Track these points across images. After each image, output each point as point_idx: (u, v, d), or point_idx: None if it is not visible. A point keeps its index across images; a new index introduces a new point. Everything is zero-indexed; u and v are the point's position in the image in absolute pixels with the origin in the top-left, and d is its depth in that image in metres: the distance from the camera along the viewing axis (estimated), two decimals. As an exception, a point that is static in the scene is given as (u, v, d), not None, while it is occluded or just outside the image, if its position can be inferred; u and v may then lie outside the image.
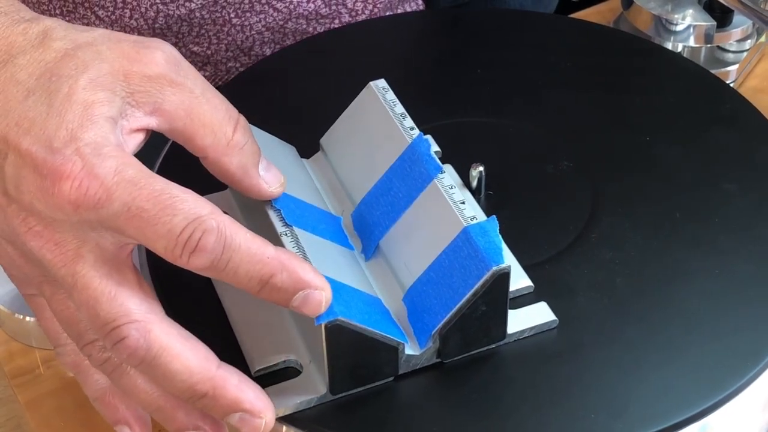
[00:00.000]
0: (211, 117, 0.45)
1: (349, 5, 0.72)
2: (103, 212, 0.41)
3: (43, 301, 0.47)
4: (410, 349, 0.47)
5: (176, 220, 0.41)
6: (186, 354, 0.43)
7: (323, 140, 0.56)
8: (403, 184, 0.50)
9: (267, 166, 0.47)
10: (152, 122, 0.44)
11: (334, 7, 0.71)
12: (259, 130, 0.51)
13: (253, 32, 0.71)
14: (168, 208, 0.41)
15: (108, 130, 0.42)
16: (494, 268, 0.46)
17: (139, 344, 0.42)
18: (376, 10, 0.73)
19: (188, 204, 0.41)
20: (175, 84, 0.44)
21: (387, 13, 0.74)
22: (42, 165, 0.41)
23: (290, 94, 0.64)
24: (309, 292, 0.43)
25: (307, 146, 0.56)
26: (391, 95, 0.53)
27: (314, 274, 0.43)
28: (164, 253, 0.42)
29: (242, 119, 0.46)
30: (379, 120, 0.53)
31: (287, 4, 0.70)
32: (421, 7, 0.76)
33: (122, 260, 0.43)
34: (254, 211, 0.50)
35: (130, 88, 0.43)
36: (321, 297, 0.43)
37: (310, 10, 0.71)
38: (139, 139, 0.44)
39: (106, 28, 0.68)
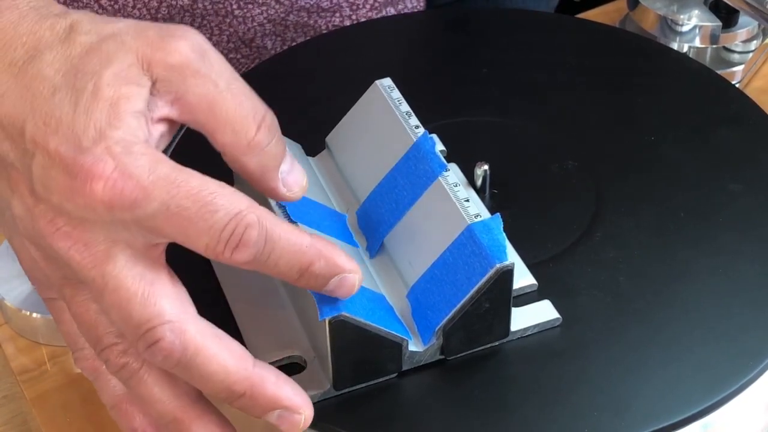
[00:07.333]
0: (234, 114, 0.43)
1: None
2: (140, 212, 0.40)
3: (63, 305, 0.46)
4: (414, 346, 0.48)
5: (218, 216, 0.40)
6: (222, 354, 0.42)
7: (329, 138, 0.56)
8: (407, 182, 0.51)
9: (290, 168, 0.46)
10: (174, 113, 0.43)
11: (335, 1, 0.71)
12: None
13: (254, 24, 0.71)
14: (209, 205, 0.40)
15: (136, 126, 0.41)
16: (498, 266, 0.46)
17: (175, 346, 0.41)
18: (377, 4, 0.73)
19: (227, 199, 0.41)
20: (199, 75, 0.43)
21: (388, 8, 0.74)
22: (72, 165, 0.40)
23: (296, 92, 0.64)
24: (343, 276, 0.44)
25: (313, 144, 0.56)
26: (396, 94, 0.53)
27: (347, 258, 0.44)
28: (205, 250, 0.41)
29: (269, 116, 0.44)
30: (385, 118, 0.53)
31: None
32: (422, 2, 0.76)
33: (154, 259, 0.42)
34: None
35: (153, 76, 0.42)
36: (354, 280, 0.44)
37: (311, 3, 0.71)
38: (161, 129, 0.43)
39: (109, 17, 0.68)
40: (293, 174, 0.46)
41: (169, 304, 0.42)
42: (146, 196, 0.40)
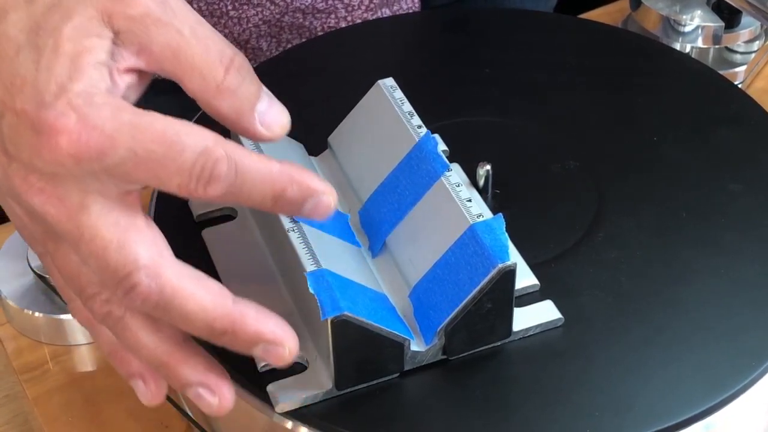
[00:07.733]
0: (200, 59, 0.43)
1: (345, 0, 0.72)
2: (108, 161, 0.41)
3: None
4: (416, 346, 0.48)
5: (186, 155, 0.41)
6: (200, 293, 0.42)
7: (331, 138, 0.56)
8: (410, 182, 0.51)
9: (267, 107, 0.44)
10: (141, 63, 0.43)
11: (330, 2, 0.71)
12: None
13: (249, 25, 0.71)
14: (175, 145, 0.41)
15: (97, 77, 0.42)
16: (500, 266, 0.46)
17: (152, 289, 0.42)
18: (372, 5, 0.73)
19: (193, 136, 0.41)
20: (161, 24, 0.42)
21: (383, 9, 0.74)
22: (36, 121, 0.41)
23: (298, 92, 0.64)
24: (318, 198, 0.43)
25: (316, 144, 0.56)
26: (399, 94, 0.54)
27: (320, 180, 0.44)
28: (178, 190, 0.41)
29: (238, 59, 0.44)
30: (387, 118, 0.53)
31: None
32: (417, 3, 0.76)
33: (129, 205, 0.43)
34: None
35: (115, 28, 0.42)
36: (330, 201, 0.44)
37: (306, 4, 0.71)
38: (129, 79, 0.43)
39: None
40: (271, 113, 0.45)
41: (145, 249, 0.42)
42: (112, 144, 0.41)
